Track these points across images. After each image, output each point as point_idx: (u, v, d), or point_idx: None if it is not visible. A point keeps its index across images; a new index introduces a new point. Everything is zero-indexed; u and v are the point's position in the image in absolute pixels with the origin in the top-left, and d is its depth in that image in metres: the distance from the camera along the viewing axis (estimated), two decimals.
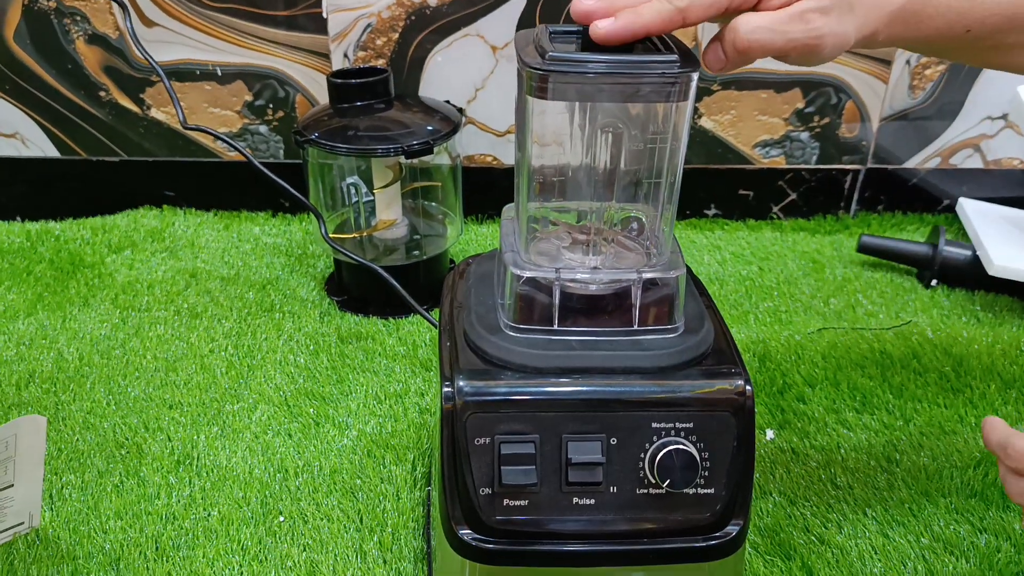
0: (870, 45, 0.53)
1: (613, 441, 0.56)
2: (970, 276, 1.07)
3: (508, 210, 0.66)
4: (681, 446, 0.55)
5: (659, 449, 0.55)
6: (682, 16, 0.48)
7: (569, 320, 0.59)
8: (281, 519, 0.72)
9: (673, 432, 0.56)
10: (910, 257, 1.10)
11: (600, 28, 0.49)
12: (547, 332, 0.58)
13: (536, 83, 0.52)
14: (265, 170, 0.91)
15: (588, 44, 0.51)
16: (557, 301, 0.59)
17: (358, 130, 0.94)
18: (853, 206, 1.23)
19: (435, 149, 1.05)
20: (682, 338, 0.58)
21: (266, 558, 0.69)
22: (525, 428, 0.56)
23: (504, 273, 0.60)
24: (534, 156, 0.60)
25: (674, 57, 0.50)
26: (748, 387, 0.57)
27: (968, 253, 1.07)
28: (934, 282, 1.09)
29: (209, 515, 0.73)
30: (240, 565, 0.68)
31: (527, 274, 0.59)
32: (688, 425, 0.56)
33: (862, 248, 1.12)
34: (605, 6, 0.49)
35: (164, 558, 0.68)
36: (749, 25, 0.49)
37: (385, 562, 0.69)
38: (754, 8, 0.50)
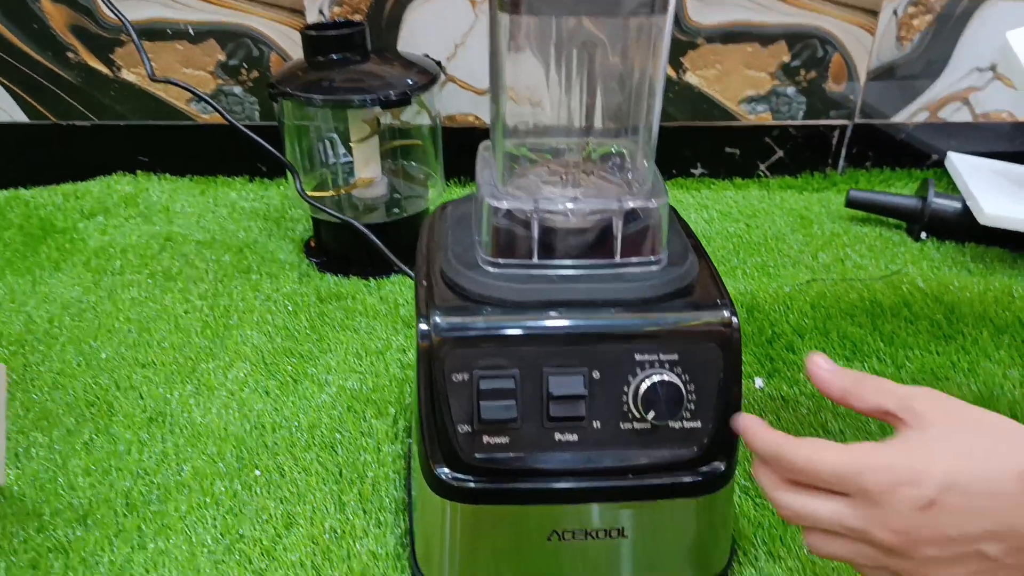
0: None
1: (596, 375, 0.54)
2: (960, 228, 1.05)
3: (484, 146, 0.64)
4: (665, 378, 0.53)
5: (643, 381, 0.54)
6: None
7: (549, 253, 0.57)
8: (257, 473, 0.70)
9: (657, 364, 0.54)
10: (899, 210, 1.09)
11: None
12: (526, 266, 0.56)
13: None
14: (237, 124, 0.88)
15: None
16: (536, 234, 0.57)
17: (333, 82, 0.91)
18: (841, 162, 1.22)
19: (414, 104, 1.02)
20: (666, 270, 0.57)
21: (241, 511, 0.67)
22: (504, 363, 0.54)
23: (481, 207, 0.58)
24: (508, 83, 0.58)
25: None
26: (734, 318, 0.55)
27: (958, 205, 1.05)
28: (923, 235, 1.07)
29: (182, 470, 0.70)
30: (214, 518, 0.66)
31: (504, 205, 0.57)
32: (673, 357, 0.54)
33: (850, 203, 1.10)
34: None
35: (134, 512, 0.66)
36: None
37: (365, 512, 0.67)
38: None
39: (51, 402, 0.78)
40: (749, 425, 0.50)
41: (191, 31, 1.10)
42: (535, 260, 0.56)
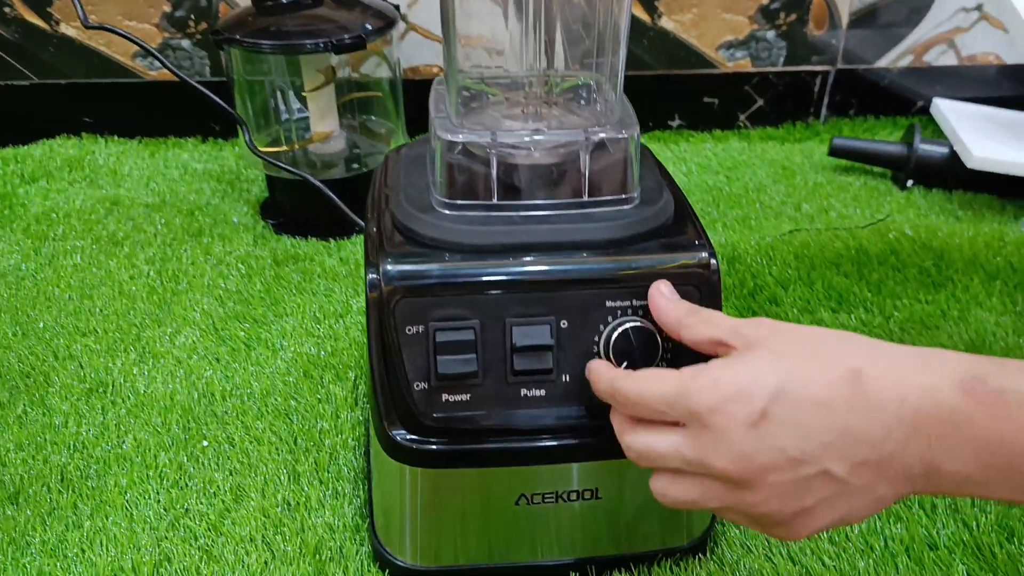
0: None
1: (564, 324, 0.49)
2: (947, 175, 1.01)
3: (438, 81, 0.59)
4: (639, 324, 0.49)
5: (615, 329, 0.49)
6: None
7: (510, 193, 0.52)
8: (205, 444, 0.65)
9: (630, 310, 0.49)
10: (884, 158, 1.04)
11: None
12: (485, 207, 0.51)
13: None
14: (185, 77, 0.82)
15: None
16: (495, 171, 0.51)
17: (283, 27, 0.85)
18: (823, 111, 1.17)
19: (373, 55, 0.96)
20: (638, 209, 0.52)
21: (186, 484, 0.62)
22: (463, 313, 0.49)
23: (434, 144, 0.52)
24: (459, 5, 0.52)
25: None
26: (713, 260, 0.50)
27: (945, 150, 1.01)
28: (910, 183, 1.03)
29: (123, 442, 0.65)
30: (157, 492, 0.61)
31: (460, 138, 0.52)
32: (646, 303, 0.49)
33: (834, 151, 1.06)
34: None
35: (70, 488, 0.61)
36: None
37: (321, 482, 0.62)
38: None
39: None
40: (594, 367, 0.47)
41: None
42: (495, 201, 0.51)
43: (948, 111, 1.06)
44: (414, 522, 0.53)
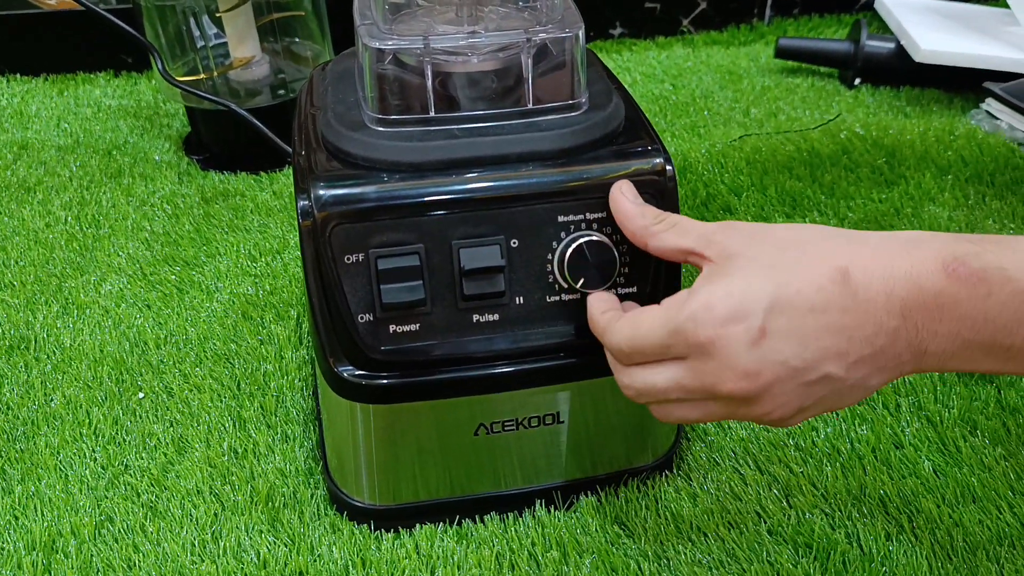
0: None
1: (514, 243, 0.46)
2: (895, 71, 0.99)
3: None
4: (594, 238, 0.46)
5: (569, 245, 0.46)
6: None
7: (448, 105, 0.48)
8: (141, 396, 0.61)
9: (584, 224, 0.46)
10: (831, 56, 1.02)
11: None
12: (422, 122, 0.47)
13: None
14: (89, 4, 0.75)
15: None
16: (430, 81, 0.47)
17: None
18: (767, 11, 1.13)
19: None
20: (587, 115, 0.48)
21: (124, 440, 0.58)
22: (405, 237, 0.45)
23: (362, 56, 0.48)
24: None
25: None
26: (668, 166, 0.47)
27: (891, 46, 0.99)
28: (857, 81, 1.01)
29: (51, 400, 0.61)
30: (92, 450, 0.57)
31: (389, 46, 0.47)
32: (601, 215, 0.46)
33: (780, 53, 1.03)
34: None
35: None
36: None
37: (269, 427, 0.59)
38: None
39: None
40: (589, 310, 0.45)
41: None
42: (432, 114, 0.47)
43: (893, 5, 1.03)
44: (369, 461, 0.50)
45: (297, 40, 0.94)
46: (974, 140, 0.85)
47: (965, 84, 0.97)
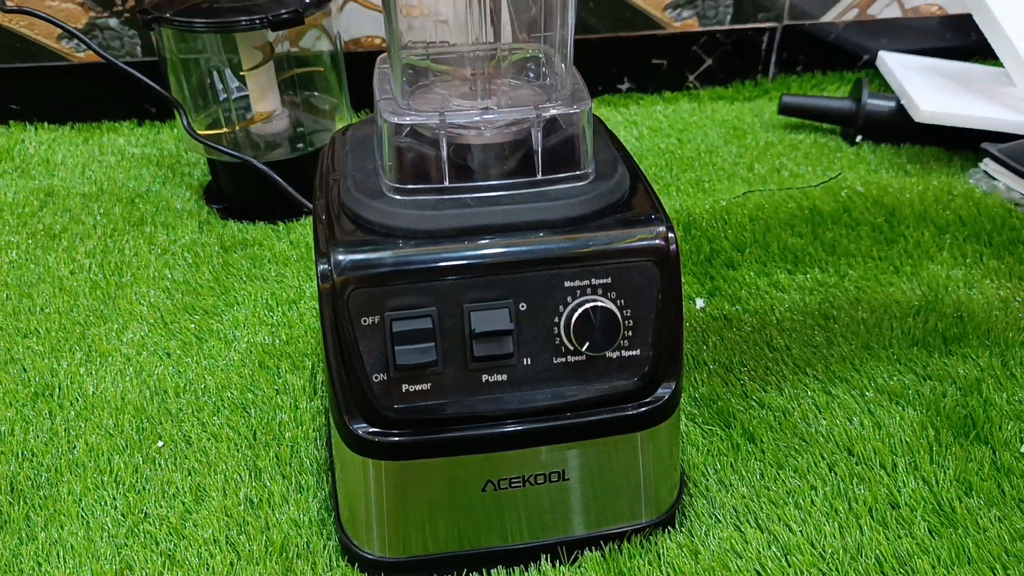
0: None
1: (522, 307, 0.48)
2: (895, 129, 1.02)
3: (382, 59, 0.57)
4: (599, 303, 0.48)
5: (575, 310, 0.48)
6: None
7: (462, 175, 0.51)
8: (160, 444, 0.63)
9: (589, 290, 0.49)
10: (833, 114, 1.04)
11: None
12: (437, 191, 0.50)
13: None
14: (114, 60, 0.78)
15: None
16: (445, 153, 0.50)
17: (216, 3, 0.82)
18: (771, 68, 1.17)
19: (308, 23, 0.93)
20: (593, 184, 0.51)
21: (144, 487, 0.60)
22: (419, 301, 0.48)
23: (381, 127, 0.50)
24: None
25: None
26: (671, 233, 0.50)
27: (892, 104, 1.02)
28: (859, 138, 1.03)
29: (74, 448, 0.63)
30: (113, 498, 0.59)
31: (407, 121, 0.50)
32: (606, 281, 0.49)
33: (783, 109, 1.05)
34: None
35: (21, 500, 0.59)
36: None
37: (284, 477, 0.60)
38: None
39: None
40: None
41: None
42: (446, 183, 0.50)
43: (894, 64, 1.06)
44: (380, 514, 0.52)
45: (316, 93, 0.98)
46: (972, 200, 0.87)
47: (964, 142, 0.99)
